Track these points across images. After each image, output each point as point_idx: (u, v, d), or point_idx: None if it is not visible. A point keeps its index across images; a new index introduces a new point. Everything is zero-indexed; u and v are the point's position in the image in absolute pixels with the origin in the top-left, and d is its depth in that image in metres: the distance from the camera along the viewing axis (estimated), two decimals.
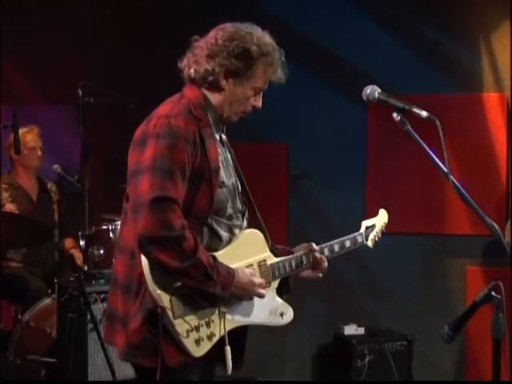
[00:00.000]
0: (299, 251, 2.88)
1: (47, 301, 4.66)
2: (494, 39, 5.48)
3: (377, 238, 3.22)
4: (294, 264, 2.82)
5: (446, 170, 2.48)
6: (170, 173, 2.45)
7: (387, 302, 5.65)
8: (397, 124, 2.56)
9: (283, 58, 2.68)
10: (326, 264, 2.90)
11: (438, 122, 2.45)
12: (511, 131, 5.24)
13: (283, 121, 5.63)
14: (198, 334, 2.53)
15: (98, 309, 4.31)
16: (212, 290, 2.51)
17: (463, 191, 2.48)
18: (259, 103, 2.71)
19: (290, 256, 2.83)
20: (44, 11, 5.55)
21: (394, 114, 2.56)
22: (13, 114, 4.34)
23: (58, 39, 5.56)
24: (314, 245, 2.90)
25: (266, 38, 2.65)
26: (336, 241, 3.00)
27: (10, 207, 5.04)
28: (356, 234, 3.12)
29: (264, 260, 2.74)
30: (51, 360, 4.51)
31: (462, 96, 5.48)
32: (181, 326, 2.50)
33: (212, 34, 2.64)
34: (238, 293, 2.59)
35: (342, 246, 3.02)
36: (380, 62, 5.42)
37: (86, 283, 4.30)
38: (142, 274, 2.48)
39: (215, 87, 2.62)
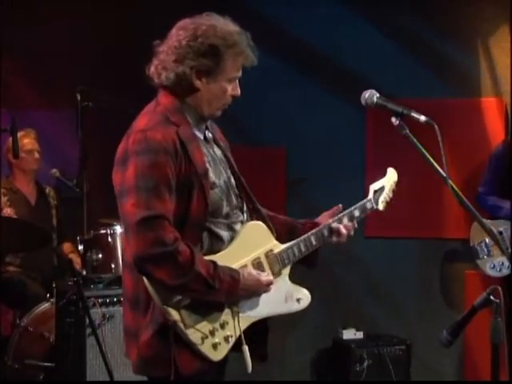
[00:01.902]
0: (322, 221, 2.86)
1: (45, 305, 4.65)
2: (492, 43, 5.49)
3: (388, 199, 3.09)
4: (303, 247, 2.76)
5: (444, 174, 2.48)
6: (155, 189, 2.40)
7: (386, 307, 5.65)
8: (395, 128, 2.55)
9: (251, 42, 2.60)
10: (345, 231, 2.85)
11: (436, 127, 2.45)
12: (510, 136, 5.24)
13: (281, 125, 5.60)
14: (213, 338, 2.50)
15: (97, 313, 4.31)
16: (216, 298, 2.49)
17: (461, 196, 2.49)
18: (238, 91, 2.63)
19: (298, 240, 2.76)
20: (43, 15, 5.53)
21: (393, 119, 2.56)
22: (11, 118, 4.33)
23: (57, 43, 5.54)
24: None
25: (230, 27, 2.57)
26: (344, 213, 2.92)
27: (8, 212, 5.05)
28: (364, 200, 3.01)
29: (271, 250, 2.70)
30: (49, 364, 4.51)
31: (460, 101, 5.49)
32: (194, 334, 2.47)
33: (173, 34, 2.58)
34: (245, 295, 2.56)
35: (351, 216, 2.93)
36: (378, 67, 5.41)
37: (84, 287, 4.28)
38: (146, 287, 2.47)
39: (190, 89, 2.56)
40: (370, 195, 3.05)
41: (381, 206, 3.06)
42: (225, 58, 2.54)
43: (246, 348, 2.56)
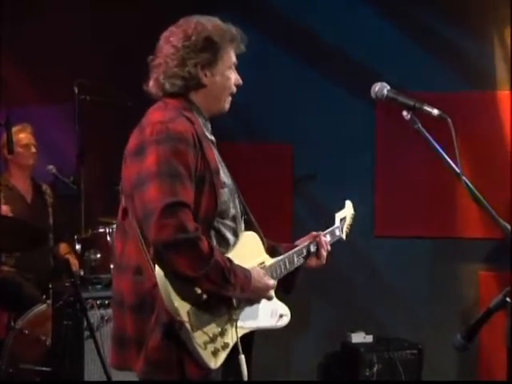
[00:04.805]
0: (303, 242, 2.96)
1: (42, 307, 4.58)
2: (507, 36, 5.42)
3: (348, 230, 3.24)
4: (287, 263, 2.84)
5: (458, 170, 2.42)
6: (179, 176, 2.42)
7: (396, 309, 5.61)
8: (406, 123, 2.50)
9: (237, 29, 2.71)
10: (328, 247, 2.98)
11: (449, 121, 2.40)
12: None
13: (288, 121, 5.60)
14: (214, 344, 2.50)
15: (95, 315, 4.22)
16: (231, 293, 2.49)
17: (476, 192, 2.41)
18: (239, 79, 2.74)
19: (283, 256, 2.84)
20: (41, 9, 5.49)
21: (404, 113, 2.52)
22: (6, 114, 4.32)
23: (54, 37, 5.49)
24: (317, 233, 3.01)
25: (213, 20, 2.68)
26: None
27: (3, 209, 4.96)
28: (334, 227, 3.16)
29: (263, 262, 2.74)
30: (45, 369, 4.42)
31: (474, 94, 5.45)
32: (200, 338, 2.45)
33: (165, 44, 2.65)
34: (253, 296, 2.60)
35: None
36: (389, 59, 5.39)
37: (82, 289, 4.22)
38: (152, 287, 2.44)
39: (197, 87, 2.65)
40: (337, 223, 3.21)
41: (344, 236, 3.23)
42: (221, 47, 2.65)
43: (242, 357, 2.56)
